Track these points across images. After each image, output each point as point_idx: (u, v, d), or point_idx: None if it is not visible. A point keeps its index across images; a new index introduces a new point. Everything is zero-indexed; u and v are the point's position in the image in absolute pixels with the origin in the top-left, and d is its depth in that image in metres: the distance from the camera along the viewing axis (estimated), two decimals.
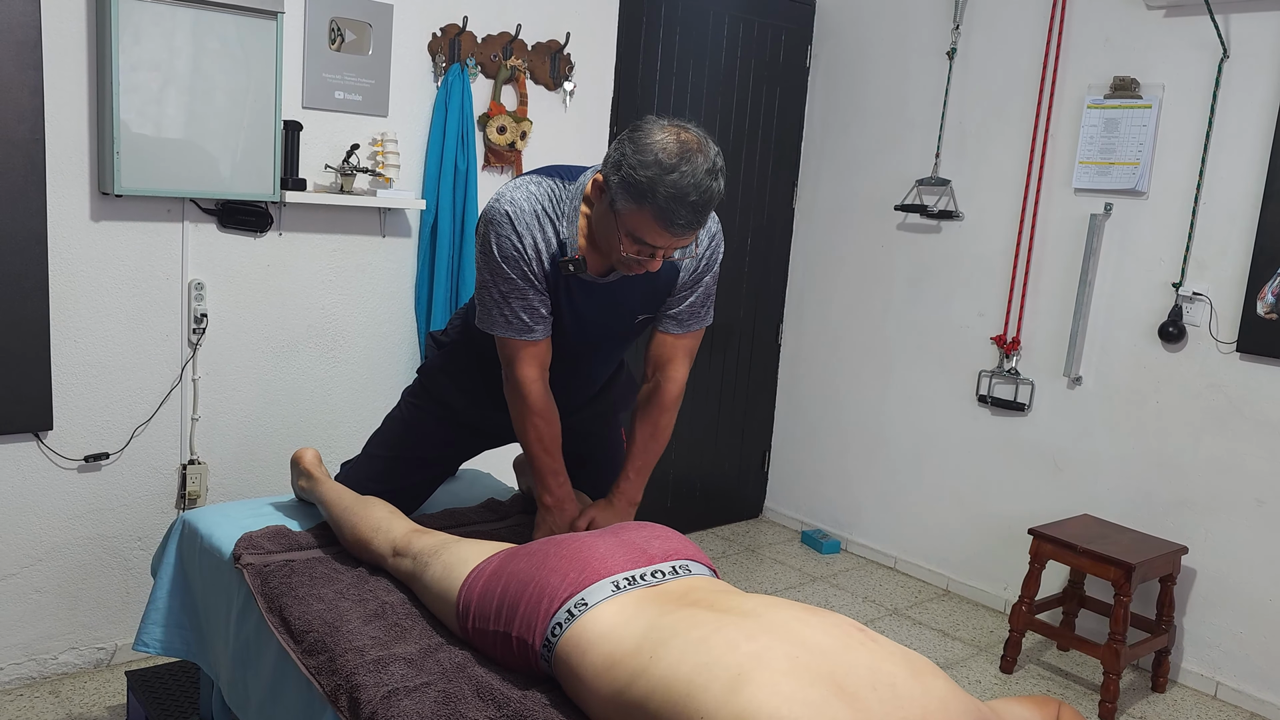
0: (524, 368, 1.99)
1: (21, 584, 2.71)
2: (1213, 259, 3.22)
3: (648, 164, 1.73)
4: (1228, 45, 3.14)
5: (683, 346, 2.10)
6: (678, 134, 1.76)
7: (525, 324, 1.96)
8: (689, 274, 2.04)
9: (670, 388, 2.11)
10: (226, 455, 2.99)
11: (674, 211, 1.74)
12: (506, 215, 1.91)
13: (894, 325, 4.12)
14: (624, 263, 1.86)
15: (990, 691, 3.19)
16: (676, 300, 2.06)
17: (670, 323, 2.08)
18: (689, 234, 1.80)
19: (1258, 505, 3.15)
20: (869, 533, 4.29)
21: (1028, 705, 1.53)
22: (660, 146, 1.73)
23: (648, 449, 2.14)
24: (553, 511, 2.11)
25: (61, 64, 2.54)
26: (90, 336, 2.70)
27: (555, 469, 2.09)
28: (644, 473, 2.15)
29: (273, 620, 1.86)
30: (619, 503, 2.15)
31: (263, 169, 2.79)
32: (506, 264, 1.92)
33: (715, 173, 1.76)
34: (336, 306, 3.12)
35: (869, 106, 4.17)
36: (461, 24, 3.19)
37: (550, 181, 1.96)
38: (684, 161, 1.73)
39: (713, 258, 2.06)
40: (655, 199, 1.73)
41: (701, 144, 1.77)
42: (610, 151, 1.82)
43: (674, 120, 1.80)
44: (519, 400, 2.02)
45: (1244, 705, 3.20)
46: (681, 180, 1.72)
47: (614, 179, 1.78)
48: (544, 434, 2.05)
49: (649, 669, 1.38)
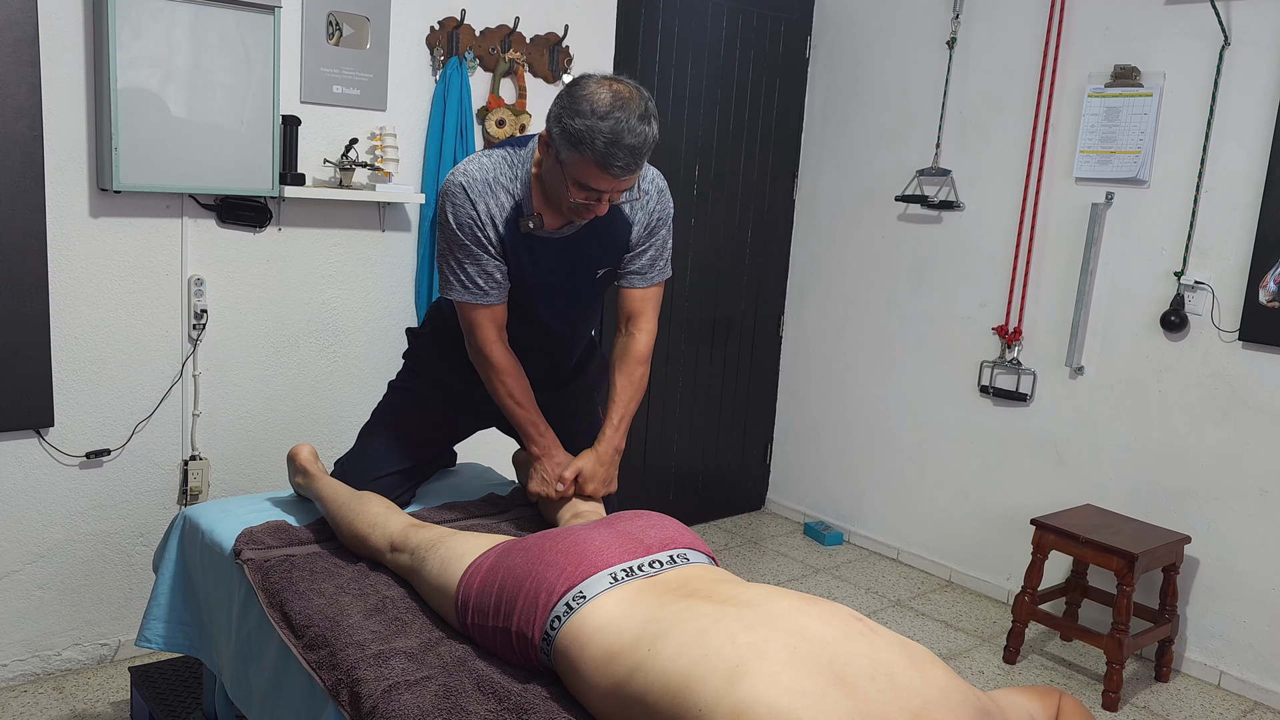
0: (483, 330, 2.14)
1: (24, 580, 2.72)
2: (1214, 247, 3.21)
3: (584, 113, 1.88)
4: (1229, 32, 3.13)
5: (649, 298, 2.27)
6: (610, 85, 1.91)
7: (480, 288, 2.11)
8: (643, 228, 2.19)
9: (642, 338, 2.28)
10: (228, 451, 2.99)
11: (612, 155, 1.88)
12: (460, 185, 2.07)
13: (895, 316, 4.12)
14: (574, 209, 2.01)
15: (993, 682, 3.19)
16: (636, 254, 2.22)
17: (635, 277, 2.25)
18: (628, 176, 1.95)
19: (1261, 494, 3.14)
20: (871, 524, 4.29)
21: (1029, 695, 1.52)
22: (595, 97, 1.89)
23: (627, 399, 2.28)
24: (542, 460, 2.24)
25: (59, 60, 2.53)
26: (90, 333, 2.70)
27: (533, 420, 2.23)
28: (625, 422, 2.29)
29: (274, 615, 1.86)
30: (604, 450, 2.26)
31: (261, 164, 2.78)
32: (461, 231, 2.07)
33: (647, 117, 1.91)
34: (336, 301, 3.12)
35: (869, 97, 4.16)
36: (459, 17, 3.18)
37: (501, 151, 2.11)
38: (617, 109, 1.87)
39: (664, 212, 2.22)
40: (594, 145, 1.88)
41: (635, 92, 1.91)
42: (551, 108, 1.96)
43: (609, 75, 1.95)
44: (483, 361, 2.18)
45: (1248, 695, 3.20)
46: (617, 126, 1.87)
47: (555, 130, 1.93)
48: (513, 389, 2.19)
49: (648, 661, 1.38)
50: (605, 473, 2.27)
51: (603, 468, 2.26)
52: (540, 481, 2.24)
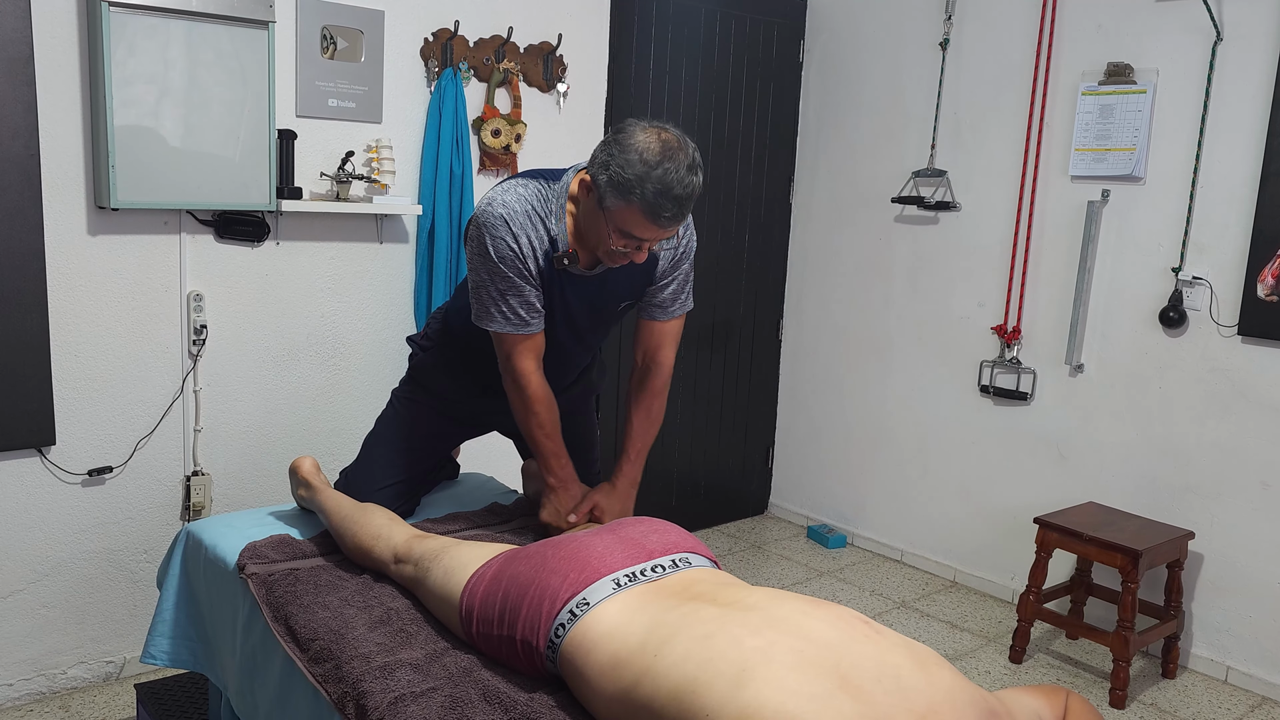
0: (522, 360, 2.11)
1: (29, 599, 2.71)
2: (1212, 242, 3.21)
3: (633, 163, 1.86)
4: (1221, 28, 3.13)
5: (669, 332, 2.27)
6: (659, 134, 1.90)
7: (522, 319, 2.07)
8: (668, 262, 2.19)
9: (661, 372, 2.28)
10: (230, 466, 2.99)
11: (660, 206, 1.87)
12: (501, 218, 2.02)
13: (894, 318, 4.12)
14: (611, 255, 1.99)
15: (1000, 681, 3.18)
16: (659, 288, 2.21)
17: (656, 310, 2.24)
18: (674, 226, 1.94)
19: (1263, 488, 3.14)
20: (875, 526, 4.29)
21: (1036, 695, 1.52)
22: (644, 146, 1.87)
23: (644, 432, 2.29)
24: (557, 491, 2.22)
25: (55, 79, 2.54)
26: (90, 350, 2.70)
27: (557, 452, 2.21)
28: (642, 454, 2.30)
29: (278, 629, 1.86)
30: (620, 484, 2.27)
31: (258, 179, 2.79)
32: (503, 264, 2.03)
33: (695, 168, 1.91)
34: (336, 314, 3.13)
35: (863, 99, 4.16)
36: (453, 28, 3.19)
37: (536, 183, 2.08)
38: (666, 159, 1.87)
39: (689, 246, 2.22)
40: (643, 195, 1.86)
41: (681, 143, 1.91)
42: (597, 153, 1.94)
43: (654, 122, 1.94)
44: (519, 392, 2.14)
45: (1255, 689, 3.19)
46: (666, 176, 1.86)
47: (602, 178, 1.91)
48: (544, 420, 2.16)
49: (654, 667, 1.38)
50: (620, 507, 2.26)
51: (619, 503, 2.25)
52: (552, 513, 2.22)
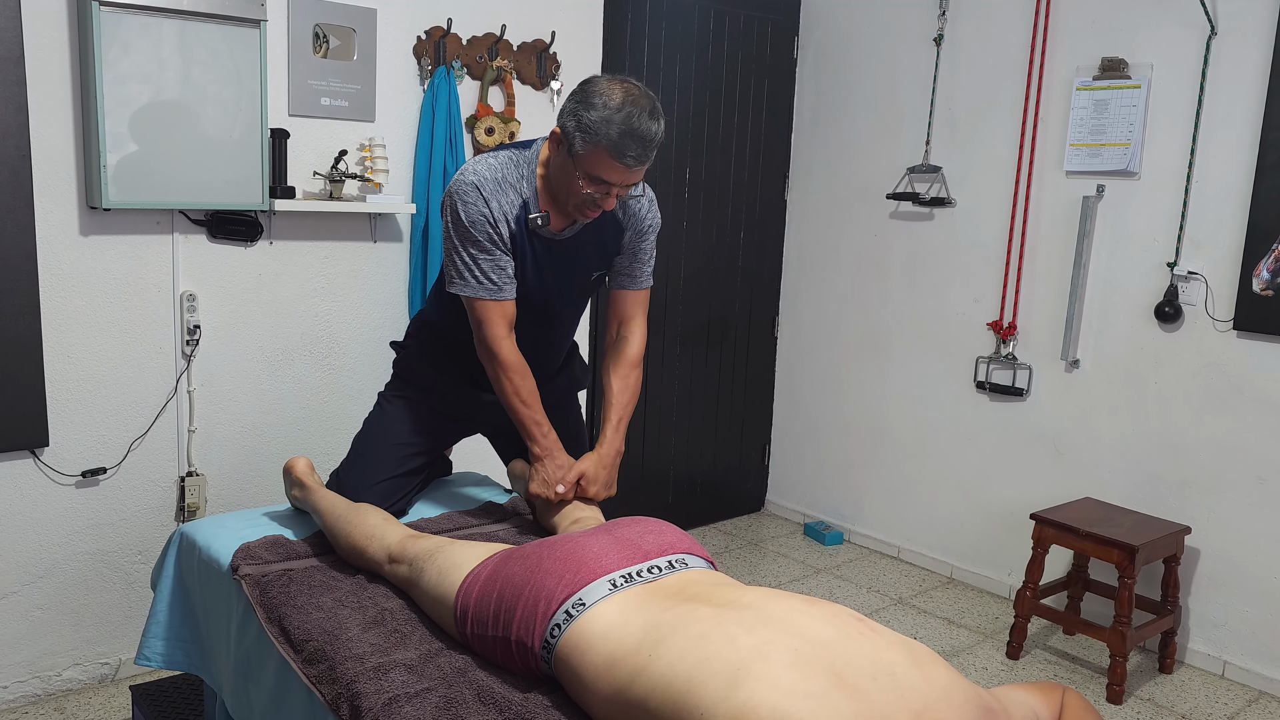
0: (494, 327, 2.18)
1: (23, 601, 2.70)
2: (1207, 237, 3.21)
3: (598, 107, 1.99)
4: (1215, 22, 3.13)
5: (639, 301, 2.37)
6: (621, 83, 2.03)
7: (494, 283, 2.15)
8: (634, 232, 2.30)
9: (635, 341, 2.37)
10: (225, 466, 2.98)
11: (625, 145, 1.99)
12: (473, 184, 2.12)
13: (890, 314, 4.12)
14: (582, 205, 2.10)
15: (997, 678, 3.18)
16: (627, 257, 2.33)
17: (626, 279, 2.35)
18: (639, 167, 2.04)
19: (1259, 483, 3.14)
20: (871, 523, 4.29)
21: (1032, 691, 1.52)
22: (608, 93, 2.00)
23: (624, 401, 2.34)
24: (543, 461, 2.25)
25: (45, 79, 2.53)
26: (83, 352, 2.69)
27: (537, 419, 2.25)
28: (623, 424, 2.34)
29: (272, 630, 1.85)
30: (605, 453, 2.31)
31: (251, 178, 2.78)
32: (474, 228, 2.12)
33: (656, 114, 2.03)
34: (330, 313, 3.12)
35: (858, 96, 4.16)
36: (446, 26, 3.18)
37: (506, 153, 2.19)
38: (629, 104, 1.99)
39: (653, 220, 2.32)
40: (609, 135, 1.98)
41: (643, 91, 2.03)
42: (564, 105, 2.06)
43: (618, 76, 2.06)
44: (492, 358, 2.20)
45: (1252, 684, 3.19)
46: (630, 120, 1.98)
47: (570, 124, 2.02)
48: (520, 387, 2.22)
49: (649, 667, 1.38)
50: (607, 475, 2.30)
51: (605, 470, 2.29)
52: (541, 483, 2.24)
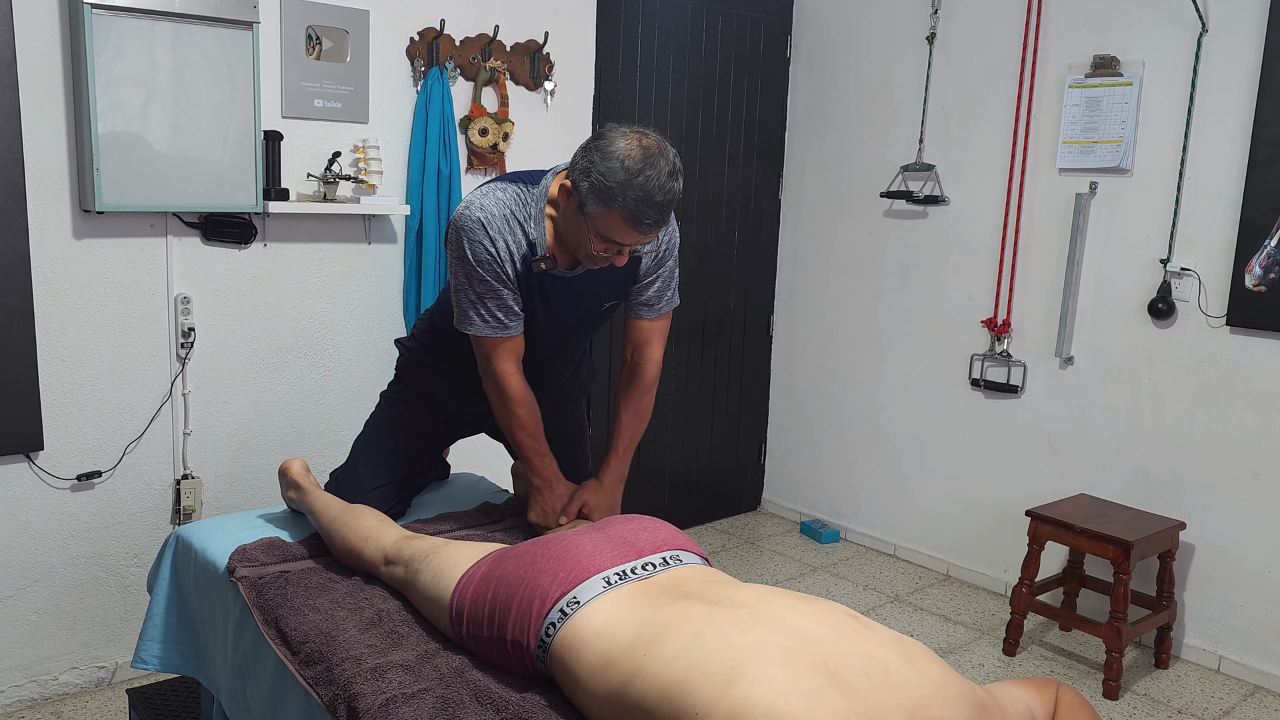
0: (501, 363, 2.12)
1: (19, 606, 2.70)
2: (1199, 234, 3.22)
3: (615, 170, 1.85)
4: (1206, 20, 3.14)
5: (657, 329, 2.27)
6: (640, 140, 1.89)
7: (501, 322, 2.09)
8: (651, 259, 2.18)
9: (649, 369, 2.28)
10: (220, 468, 2.98)
11: (642, 213, 1.87)
12: (479, 222, 2.03)
13: (885, 312, 4.12)
14: (592, 259, 2.00)
15: (994, 674, 3.19)
16: (644, 287, 2.21)
17: (642, 309, 2.24)
18: (654, 232, 1.94)
19: (1254, 478, 3.15)
20: (868, 521, 4.29)
21: (1026, 687, 1.52)
22: (625, 153, 1.86)
23: (632, 428, 2.29)
24: (543, 491, 2.22)
25: (38, 82, 2.52)
26: (78, 355, 2.69)
27: (540, 451, 2.21)
28: (629, 450, 2.29)
29: (269, 632, 1.85)
30: (608, 480, 2.27)
31: (245, 180, 2.78)
32: (481, 267, 2.04)
33: (675, 174, 1.90)
34: (324, 315, 3.12)
35: (851, 94, 4.16)
36: (439, 27, 3.18)
37: (515, 187, 2.08)
38: (648, 166, 1.86)
39: (671, 244, 2.20)
40: (625, 202, 1.86)
41: (662, 148, 1.90)
42: (577, 159, 1.94)
43: (634, 127, 1.93)
44: (499, 393, 2.15)
45: (1247, 678, 3.20)
46: (647, 184, 1.85)
47: (583, 185, 1.90)
48: (526, 421, 2.17)
49: (644, 666, 1.38)
50: (610, 502, 2.27)
51: (607, 498, 2.26)
52: (540, 514, 2.22)
